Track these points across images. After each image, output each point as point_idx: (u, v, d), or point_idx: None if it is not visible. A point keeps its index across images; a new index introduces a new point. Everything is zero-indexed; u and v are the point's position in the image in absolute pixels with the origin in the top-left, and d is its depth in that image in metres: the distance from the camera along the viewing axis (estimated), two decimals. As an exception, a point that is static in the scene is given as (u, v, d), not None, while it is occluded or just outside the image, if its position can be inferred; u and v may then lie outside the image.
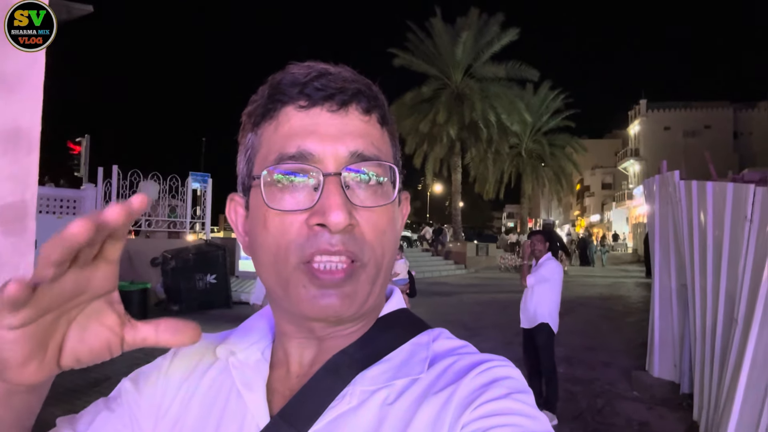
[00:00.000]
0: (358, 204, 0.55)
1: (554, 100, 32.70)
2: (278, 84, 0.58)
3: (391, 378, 0.57)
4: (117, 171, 11.33)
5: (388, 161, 0.59)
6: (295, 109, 0.57)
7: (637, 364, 6.41)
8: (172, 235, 12.35)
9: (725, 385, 3.91)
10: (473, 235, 30.28)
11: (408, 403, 0.55)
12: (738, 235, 4.01)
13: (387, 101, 0.64)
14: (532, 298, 4.87)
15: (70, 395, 5.23)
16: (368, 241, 0.56)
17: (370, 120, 0.59)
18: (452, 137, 25.14)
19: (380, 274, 0.58)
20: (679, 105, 49.11)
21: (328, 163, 0.55)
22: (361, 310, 0.57)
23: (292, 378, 0.61)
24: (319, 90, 0.56)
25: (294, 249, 0.54)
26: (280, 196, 0.55)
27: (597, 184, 57.59)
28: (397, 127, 3.37)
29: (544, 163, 33.36)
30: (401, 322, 0.64)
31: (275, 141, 0.57)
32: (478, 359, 0.58)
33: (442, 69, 25.51)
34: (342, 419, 0.55)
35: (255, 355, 0.63)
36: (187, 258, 10.40)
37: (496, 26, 25.04)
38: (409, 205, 0.70)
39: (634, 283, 18.23)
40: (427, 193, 46.47)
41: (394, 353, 0.60)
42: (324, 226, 0.53)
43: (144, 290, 8.98)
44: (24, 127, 1.83)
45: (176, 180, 12.26)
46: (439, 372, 0.57)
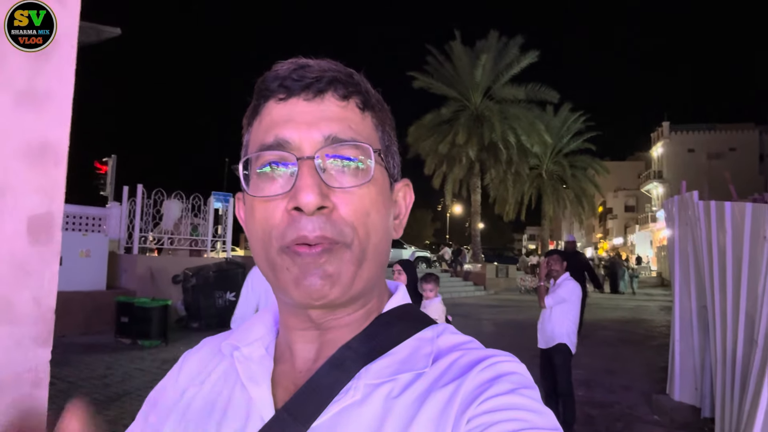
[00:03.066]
0: (335, 186, 0.55)
1: (575, 121, 32.58)
2: (263, 81, 0.60)
3: (395, 372, 0.57)
4: (142, 190, 11.58)
5: (367, 142, 0.58)
6: (276, 102, 0.59)
7: (657, 388, 6.28)
8: (194, 253, 12.54)
9: (746, 409, 3.83)
10: (493, 256, 30.07)
11: (413, 398, 0.55)
12: (757, 255, 3.96)
13: (373, 88, 0.63)
14: (550, 319, 4.84)
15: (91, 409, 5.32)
16: (348, 222, 0.55)
17: (348, 105, 0.59)
18: (471, 158, 25.18)
19: (366, 255, 0.57)
20: (703, 127, 48.58)
21: (305, 148, 0.56)
22: (348, 293, 0.57)
23: (296, 372, 0.61)
24: (296, 81, 0.58)
25: (276, 235, 0.55)
26: (263, 185, 0.57)
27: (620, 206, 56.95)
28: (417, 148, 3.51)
29: (565, 185, 33.12)
30: (406, 317, 0.64)
31: (258, 134, 0.59)
32: (483, 354, 0.58)
33: (461, 91, 25.68)
34: (346, 413, 0.55)
35: (259, 350, 0.64)
36: (208, 276, 10.54)
37: (516, 49, 25.22)
38: (413, 194, 0.69)
39: (658, 307, 17.87)
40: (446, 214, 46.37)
41: (398, 347, 0.60)
42: (300, 209, 0.54)
43: (164, 307, 9.08)
44: (52, 142, 1.93)
45: (199, 199, 12.49)
46: (444, 367, 0.57)
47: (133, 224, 11.47)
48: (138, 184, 11.59)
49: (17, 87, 1.84)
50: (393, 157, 0.65)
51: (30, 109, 1.87)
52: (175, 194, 12.19)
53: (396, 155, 0.66)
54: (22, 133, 1.85)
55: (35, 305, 1.88)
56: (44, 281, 1.90)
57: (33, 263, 1.87)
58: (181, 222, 12.34)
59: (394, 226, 0.64)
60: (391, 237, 0.63)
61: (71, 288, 8.89)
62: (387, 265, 0.64)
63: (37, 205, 1.88)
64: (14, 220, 1.83)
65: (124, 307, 9.03)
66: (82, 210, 10.96)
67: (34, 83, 1.88)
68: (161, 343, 8.90)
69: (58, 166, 1.92)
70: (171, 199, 12.03)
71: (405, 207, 0.67)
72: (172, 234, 12.21)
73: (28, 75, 1.87)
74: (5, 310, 1.82)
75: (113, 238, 11.18)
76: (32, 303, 1.88)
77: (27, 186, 1.86)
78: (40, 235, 1.88)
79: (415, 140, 26.20)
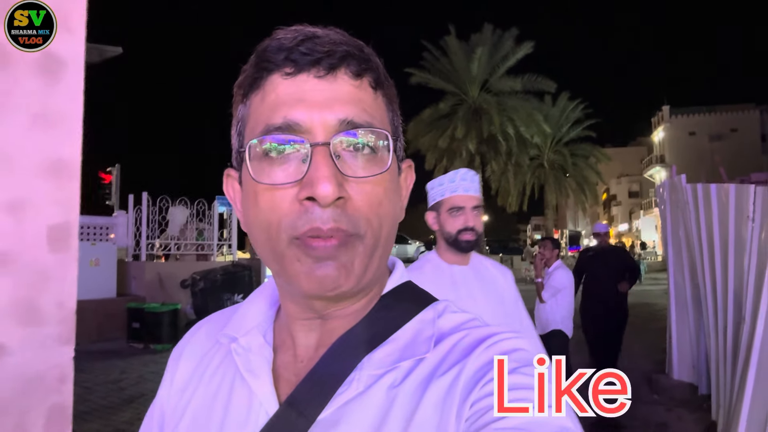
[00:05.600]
0: (350, 175, 0.52)
1: (574, 110, 32.63)
2: (264, 51, 0.55)
3: (397, 360, 0.56)
4: (147, 198, 11.75)
5: (383, 128, 0.55)
6: (282, 76, 0.54)
7: (658, 369, 6.42)
8: (201, 258, 12.71)
9: (737, 383, 3.98)
10: (498, 248, 30.18)
11: (415, 385, 0.54)
12: (742, 234, 4.11)
13: (382, 64, 0.60)
14: (544, 307, 4.99)
15: (107, 412, 5.51)
16: (363, 213, 0.53)
17: (362, 84, 0.55)
18: (471, 151, 25.36)
19: (378, 246, 0.56)
20: (704, 109, 48.47)
21: (317, 132, 0.52)
22: (360, 283, 0.55)
23: (297, 362, 0.60)
24: (305, 54, 0.53)
25: (286, 226, 0.52)
26: (269, 170, 0.53)
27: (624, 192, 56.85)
28: (417, 144, 3.70)
29: (567, 174, 33.19)
30: (406, 298, 0.62)
31: (262, 112, 0.55)
32: (484, 333, 0.56)
33: (458, 85, 25.82)
34: (350, 405, 0.54)
35: (257, 340, 0.62)
36: (215, 279, 10.71)
37: (511, 41, 25.34)
38: (414, 174, 0.67)
39: (661, 290, 17.94)
40: (450, 208, 46.29)
41: (399, 333, 0.58)
42: (314, 199, 0.51)
43: (174, 311, 9.28)
44: (66, 158, 2.10)
45: (203, 204, 12.66)
46: (446, 350, 0.56)
47: (139, 232, 11.65)
48: (143, 192, 11.75)
49: (32, 109, 2.02)
50: (400, 139, 0.62)
51: (44, 129, 2.04)
52: (180, 200, 12.34)
53: (401, 135, 0.63)
54: (39, 151, 2.03)
55: (58, 307, 2.06)
56: (65, 285, 2.08)
57: (54, 269, 2.05)
58: (186, 227, 12.50)
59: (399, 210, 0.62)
60: (398, 222, 0.61)
61: (83, 297, 9.00)
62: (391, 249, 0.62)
63: (55, 216, 2.06)
64: (35, 231, 2.01)
65: (135, 313, 9.23)
66: (90, 220, 11.14)
67: (47, 105, 2.06)
68: (173, 346, 9.07)
69: (72, 180, 2.10)
70: (176, 206, 12.18)
71: (406, 188, 0.65)
72: (179, 240, 12.39)
73: (41, 98, 2.04)
74: (31, 313, 2.00)
75: (121, 246, 11.36)
76: (55, 305, 2.05)
77: (46, 199, 2.03)
78: (59, 244, 2.06)
79: (415, 136, 26.34)
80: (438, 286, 1.67)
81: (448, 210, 1.97)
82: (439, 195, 2.01)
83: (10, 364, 1.93)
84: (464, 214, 1.95)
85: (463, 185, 1.97)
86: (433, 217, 2.05)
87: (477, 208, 1.97)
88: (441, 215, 2.00)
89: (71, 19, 2.10)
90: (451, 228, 1.96)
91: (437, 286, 1.71)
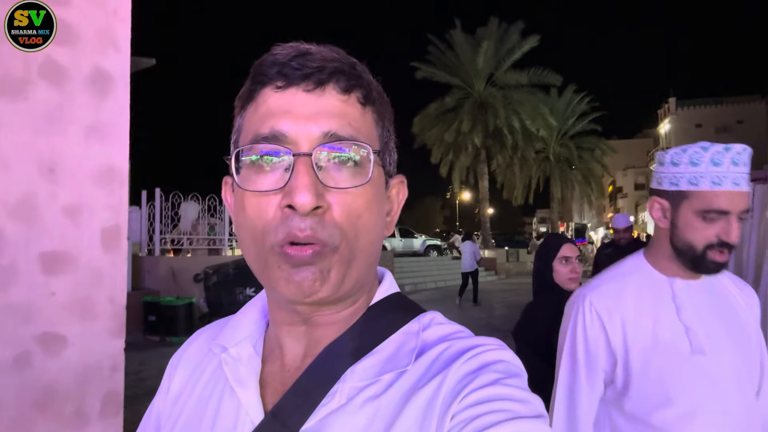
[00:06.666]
0: (331, 185, 0.54)
1: (579, 103, 32.63)
2: (260, 65, 0.58)
3: (378, 372, 0.57)
4: (160, 194, 11.93)
5: (367, 142, 0.56)
6: (273, 89, 0.56)
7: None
8: (212, 252, 12.89)
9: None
10: (504, 241, 30.35)
11: (397, 397, 0.55)
12: (742, 229, 4.27)
13: (374, 80, 0.61)
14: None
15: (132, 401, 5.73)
16: (339, 224, 0.54)
17: (349, 99, 0.57)
18: (477, 145, 25.43)
19: (355, 256, 0.56)
20: (710, 101, 48.39)
21: (301, 143, 0.54)
22: (336, 292, 0.56)
23: (285, 371, 0.61)
24: (296, 69, 0.55)
25: (269, 232, 0.54)
26: (255, 177, 0.55)
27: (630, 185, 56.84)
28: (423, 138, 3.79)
29: (572, 167, 33.23)
30: (393, 309, 0.63)
31: (253, 122, 0.57)
32: (467, 345, 0.57)
33: (464, 79, 25.88)
34: (332, 417, 0.55)
35: (247, 350, 0.63)
36: (228, 273, 10.91)
37: (516, 34, 25.34)
38: (406, 190, 0.68)
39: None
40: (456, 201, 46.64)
41: (383, 344, 0.59)
42: (293, 208, 0.53)
43: (189, 305, 9.50)
44: (116, 166, 2.30)
45: (214, 200, 12.83)
46: (428, 362, 0.57)
47: (153, 227, 11.87)
48: (156, 188, 11.94)
49: (86, 122, 2.21)
50: (390, 154, 0.63)
51: (97, 140, 2.24)
52: (192, 196, 12.52)
53: (393, 151, 0.64)
54: (93, 160, 2.23)
55: (110, 303, 2.27)
56: (116, 282, 2.29)
57: (106, 268, 2.26)
58: (198, 223, 12.70)
59: (386, 223, 0.63)
60: (383, 235, 0.61)
61: (100, 291, 9.29)
62: (378, 261, 0.64)
63: (107, 219, 2.26)
64: (91, 233, 2.21)
65: (151, 306, 9.47)
66: (104, 216, 11.28)
67: (98, 118, 2.25)
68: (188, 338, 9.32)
69: (122, 186, 2.30)
70: (188, 201, 12.37)
71: (398, 203, 0.66)
72: (191, 235, 12.60)
73: (93, 111, 2.24)
74: (87, 309, 2.21)
75: (135, 241, 11.58)
76: (108, 301, 2.26)
77: (99, 204, 2.23)
78: (111, 244, 2.26)
79: (421, 130, 26.47)
80: (649, 305, 1.33)
81: (699, 211, 1.26)
82: (686, 180, 1.28)
83: (71, 356, 2.14)
84: (726, 222, 1.25)
85: (734, 175, 1.24)
86: (662, 210, 1.35)
87: (746, 212, 1.26)
88: (681, 212, 1.30)
89: (119, 40, 2.30)
90: (697, 238, 1.27)
91: (648, 305, 1.33)
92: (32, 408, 2.05)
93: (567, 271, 2.46)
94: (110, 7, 2.28)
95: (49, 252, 2.10)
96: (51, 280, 2.10)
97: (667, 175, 1.33)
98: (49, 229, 2.10)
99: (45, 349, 2.08)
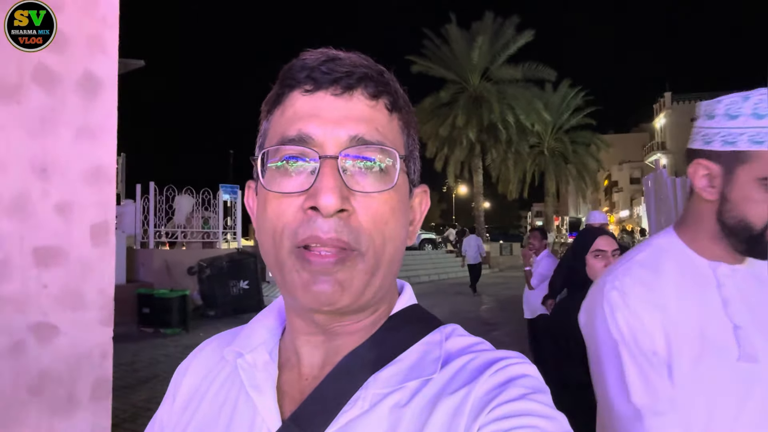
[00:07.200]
0: (356, 189, 0.54)
1: (574, 97, 32.70)
2: (289, 70, 0.58)
3: (403, 380, 0.56)
4: (154, 187, 12.01)
5: (393, 147, 0.56)
6: (301, 93, 0.57)
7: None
8: (206, 245, 12.99)
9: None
10: (499, 235, 30.52)
11: (421, 406, 0.54)
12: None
13: (401, 88, 0.61)
14: (533, 292, 5.34)
15: (125, 392, 5.86)
16: (365, 229, 0.54)
17: (377, 105, 0.57)
18: (472, 140, 25.58)
19: (380, 265, 0.56)
20: (705, 96, 48.33)
21: (328, 146, 0.54)
22: (358, 301, 0.56)
23: (302, 380, 0.60)
24: (325, 74, 0.55)
25: (288, 233, 0.54)
26: (280, 179, 0.55)
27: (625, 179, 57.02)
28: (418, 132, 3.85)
29: (567, 161, 33.35)
30: (413, 320, 0.62)
31: (281, 125, 0.57)
32: (493, 357, 0.57)
33: (459, 73, 25.97)
34: (354, 424, 0.54)
35: (263, 356, 0.62)
36: (221, 266, 11.04)
37: (511, 29, 25.42)
38: (429, 200, 0.67)
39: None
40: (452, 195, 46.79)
41: (406, 353, 0.58)
42: (317, 209, 0.52)
43: (183, 297, 9.59)
44: (104, 165, 2.43)
45: (208, 193, 12.94)
46: (453, 372, 0.56)
47: (147, 220, 11.97)
48: (150, 182, 12.02)
49: (76, 124, 2.35)
50: (415, 163, 0.63)
51: (86, 141, 2.37)
52: (186, 189, 12.59)
53: (417, 160, 0.65)
54: (82, 160, 2.36)
55: (99, 294, 2.41)
56: (105, 275, 2.43)
57: (96, 261, 2.40)
58: (192, 216, 12.78)
59: (409, 233, 0.62)
60: (405, 244, 0.60)
61: (95, 283, 9.40)
62: (399, 270, 0.62)
63: (96, 216, 2.40)
64: (80, 229, 2.35)
65: (145, 298, 9.57)
66: (99, 209, 11.35)
67: (88, 120, 2.38)
68: (182, 330, 9.42)
69: (109, 184, 2.44)
70: (182, 195, 12.45)
71: (420, 213, 0.65)
72: (185, 228, 12.71)
73: (83, 113, 2.37)
74: (77, 300, 2.35)
75: (129, 234, 11.68)
76: (97, 292, 2.40)
77: (88, 201, 2.37)
78: (99, 239, 2.40)
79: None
80: (692, 297, 1.03)
81: (763, 178, 0.97)
82: (747, 138, 0.98)
83: (62, 344, 2.28)
84: None
85: None
86: (710, 177, 1.04)
87: None
88: (737, 179, 1.00)
89: (107, 44, 2.43)
90: (757, 213, 0.99)
91: (692, 297, 1.02)
92: (27, 392, 2.18)
93: (601, 267, 2.32)
94: (99, 14, 2.40)
95: (41, 247, 2.24)
96: (43, 273, 2.24)
97: (718, 131, 1.01)
98: (41, 225, 2.23)
99: (38, 338, 2.22)
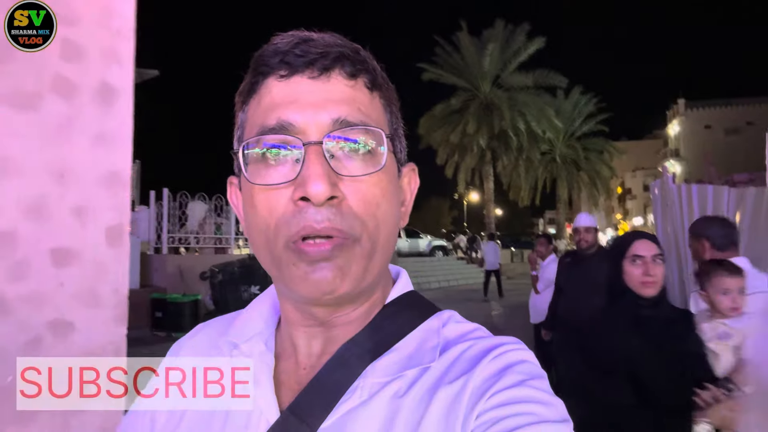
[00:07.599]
0: (344, 174, 0.52)
1: (586, 104, 32.67)
2: (260, 56, 0.56)
3: (401, 368, 0.55)
4: (168, 194, 12.21)
5: (378, 127, 0.54)
6: (276, 79, 0.54)
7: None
8: (219, 251, 13.15)
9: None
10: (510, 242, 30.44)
11: (420, 394, 0.53)
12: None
13: (379, 66, 0.59)
14: (539, 297, 5.38)
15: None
16: (358, 214, 0.52)
17: (356, 84, 0.55)
18: (482, 147, 25.66)
19: (376, 249, 0.55)
20: (719, 102, 48.14)
21: (310, 132, 0.52)
22: (358, 287, 0.55)
23: (299, 370, 0.59)
24: (299, 57, 0.53)
25: (282, 228, 0.52)
26: (264, 171, 0.53)
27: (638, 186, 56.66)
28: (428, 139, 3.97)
29: (579, 168, 33.23)
30: (410, 306, 0.62)
31: (258, 115, 0.55)
32: (490, 344, 0.56)
33: (470, 80, 26.10)
34: (354, 413, 0.53)
35: (259, 347, 0.61)
36: (233, 271, 11.16)
37: (522, 36, 25.55)
38: (418, 179, 0.65)
39: (670, 284, 18.13)
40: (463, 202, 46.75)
41: (403, 341, 0.58)
42: (308, 199, 0.50)
43: (195, 301, 9.75)
44: (120, 170, 2.54)
45: (221, 199, 13.09)
46: (451, 359, 0.56)
47: (161, 226, 12.16)
48: (164, 188, 12.22)
49: (92, 132, 2.46)
50: (400, 141, 0.61)
51: (102, 147, 2.49)
52: (199, 196, 12.80)
53: (402, 138, 0.62)
54: (98, 165, 2.47)
55: (114, 293, 2.51)
56: (119, 275, 2.53)
57: (110, 262, 2.50)
58: (205, 222, 12.97)
59: (401, 214, 0.61)
60: (398, 226, 0.59)
61: (109, 287, 9.59)
62: (392, 254, 0.61)
63: (111, 219, 2.50)
64: (97, 231, 2.46)
65: (158, 303, 9.74)
66: (114, 215, 11.56)
67: (104, 127, 2.50)
68: (194, 335, 9.57)
69: (125, 189, 2.54)
70: (195, 201, 12.64)
71: (410, 193, 0.64)
72: (198, 234, 12.88)
73: (100, 121, 2.49)
74: (93, 298, 2.45)
75: (144, 240, 11.88)
76: (111, 292, 2.50)
77: (104, 205, 2.48)
78: (114, 241, 2.51)
79: (427, 131, 26.68)
80: None
81: None
82: None
83: (77, 340, 2.38)
84: None
85: None
86: None
87: None
88: None
89: (122, 56, 2.54)
90: None
91: None
92: (43, 387, 2.28)
93: (639, 273, 2.02)
94: (114, 27, 2.52)
95: (58, 248, 2.35)
96: (60, 273, 2.34)
97: None
98: (58, 227, 2.34)
99: (54, 334, 2.33)
